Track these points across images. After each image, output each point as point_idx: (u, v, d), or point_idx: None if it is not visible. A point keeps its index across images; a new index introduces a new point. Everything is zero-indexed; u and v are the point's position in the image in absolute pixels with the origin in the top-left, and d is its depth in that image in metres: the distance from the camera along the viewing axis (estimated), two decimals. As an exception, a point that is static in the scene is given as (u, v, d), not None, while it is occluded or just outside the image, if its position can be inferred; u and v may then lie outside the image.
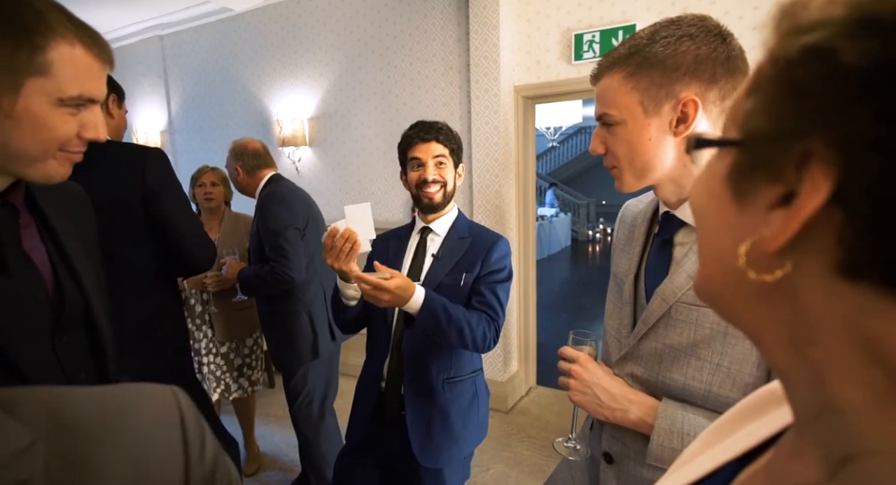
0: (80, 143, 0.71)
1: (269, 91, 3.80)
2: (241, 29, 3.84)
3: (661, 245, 0.79)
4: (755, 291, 0.24)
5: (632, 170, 0.73)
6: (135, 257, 1.36)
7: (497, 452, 2.59)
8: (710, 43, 0.66)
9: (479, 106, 2.82)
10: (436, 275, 1.32)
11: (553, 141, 10.29)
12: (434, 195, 1.33)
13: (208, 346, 2.32)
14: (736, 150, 0.25)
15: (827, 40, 0.19)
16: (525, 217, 3.07)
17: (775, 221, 0.21)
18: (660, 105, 0.68)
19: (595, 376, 0.80)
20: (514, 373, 3.16)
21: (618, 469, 0.82)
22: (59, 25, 0.65)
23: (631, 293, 0.82)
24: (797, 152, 0.20)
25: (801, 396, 0.25)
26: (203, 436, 0.36)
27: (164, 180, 1.35)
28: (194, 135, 4.34)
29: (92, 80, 0.69)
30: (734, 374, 0.69)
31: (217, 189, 2.34)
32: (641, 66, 0.68)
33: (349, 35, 3.34)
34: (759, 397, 0.36)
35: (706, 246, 0.28)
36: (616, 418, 0.77)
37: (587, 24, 2.61)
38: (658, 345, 0.76)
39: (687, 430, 0.70)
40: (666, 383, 0.75)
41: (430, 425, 1.31)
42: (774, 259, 0.22)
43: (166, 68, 4.33)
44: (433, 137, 1.33)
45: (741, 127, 0.24)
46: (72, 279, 0.79)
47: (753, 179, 0.23)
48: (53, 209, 0.80)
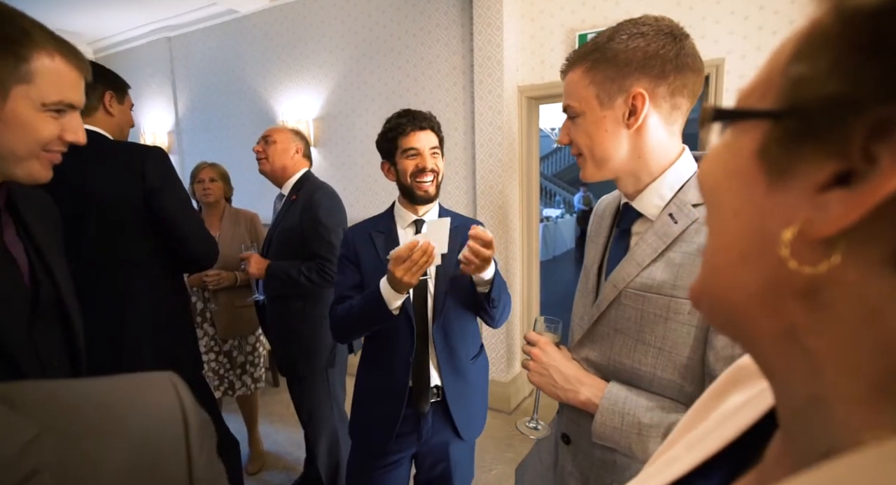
0: (61, 144, 0.79)
1: (275, 92, 3.82)
2: (247, 30, 3.87)
3: (620, 235, 0.84)
4: (770, 283, 0.22)
5: (592, 159, 0.78)
6: (139, 255, 1.37)
7: (500, 452, 2.59)
8: (659, 41, 0.71)
9: (482, 106, 2.82)
10: (446, 267, 1.30)
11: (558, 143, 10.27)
12: (429, 187, 1.31)
13: (209, 344, 2.32)
14: (770, 122, 0.22)
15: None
16: (528, 218, 3.06)
17: (832, 204, 0.19)
18: (613, 98, 0.73)
19: (552, 358, 0.84)
20: (517, 374, 3.15)
21: (574, 449, 0.88)
22: (41, 39, 0.74)
23: (594, 281, 0.88)
24: (872, 121, 0.17)
25: (789, 388, 0.24)
26: (201, 419, 0.37)
27: (164, 178, 1.36)
28: (201, 135, 4.38)
29: (71, 88, 0.78)
30: (674, 357, 0.72)
31: (215, 185, 2.34)
32: (598, 61, 0.74)
33: (354, 36, 3.35)
34: (729, 376, 0.36)
35: (720, 235, 0.25)
36: (568, 398, 0.81)
37: (591, 23, 2.61)
38: (609, 329, 0.81)
39: (627, 410, 0.74)
40: (616, 366, 0.80)
41: (468, 403, 1.37)
42: (819, 248, 0.20)
43: (174, 69, 4.38)
44: (428, 126, 1.31)
45: (787, 95, 0.21)
46: (45, 273, 0.87)
47: (799, 156, 0.20)
48: (29, 213, 0.89)
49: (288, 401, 2.23)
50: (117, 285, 1.35)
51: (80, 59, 0.80)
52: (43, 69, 0.74)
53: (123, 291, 1.36)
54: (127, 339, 1.35)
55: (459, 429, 1.35)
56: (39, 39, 0.73)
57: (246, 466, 2.46)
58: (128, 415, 0.33)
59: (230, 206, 2.46)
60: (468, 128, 2.98)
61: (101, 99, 1.38)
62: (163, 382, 0.37)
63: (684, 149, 0.78)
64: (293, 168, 1.97)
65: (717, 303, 0.26)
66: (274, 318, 1.97)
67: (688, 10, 2.37)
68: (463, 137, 3.01)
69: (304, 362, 1.91)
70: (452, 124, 3.03)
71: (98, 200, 1.29)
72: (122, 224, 1.33)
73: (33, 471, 0.27)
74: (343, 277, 1.38)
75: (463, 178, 3.05)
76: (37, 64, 0.73)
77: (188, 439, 0.34)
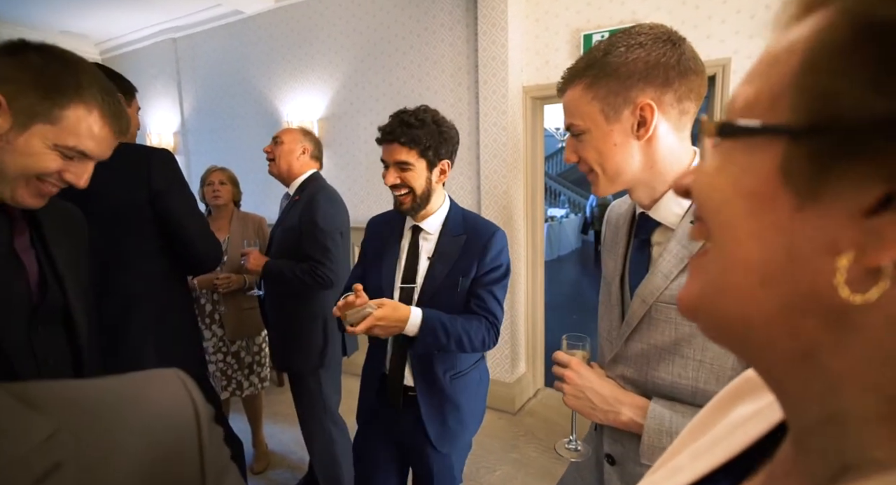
0: (58, 180, 0.83)
1: (280, 92, 3.83)
2: (252, 31, 3.88)
3: (640, 246, 0.82)
4: (798, 307, 0.21)
5: (604, 175, 0.77)
6: (144, 256, 1.38)
7: (504, 453, 2.58)
8: (659, 49, 0.71)
9: (487, 107, 2.82)
10: (433, 278, 1.28)
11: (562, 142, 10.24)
12: (403, 199, 1.25)
13: (217, 345, 2.34)
14: (790, 138, 0.20)
15: None
16: (533, 218, 3.06)
17: (887, 230, 0.17)
18: (619, 112, 0.73)
19: (587, 379, 0.82)
20: (521, 374, 3.14)
21: (620, 470, 0.84)
22: (89, 96, 0.81)
23: (618, 295, 0.85)
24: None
25: (803, 406, 0.23)
26: (209, 410, 0.38)
27: (171, 180, 1.36)
28: (206, 136, 4.40)
29: (93, 140, 0.83)
30: (717, 369, 0.71)
31: (225, 188, 2.37)
32: (598, 76, 0.73)
33: (358, 36, 3.36)
34: (736, 386, 0.36)
35: (732, 256, 0.23)
36: (609, 420, 0.79)
37: (596, 24, 2.60)
38: (643, 345, 0.78)
39: (676, 429, 0.71)
40: (655, 382, 0.77)
41: (444, 415, 1.34)
42: (867, 277, 0.18)
43: (179, 70, 4.40)
44: (394, 139, 1.21)
45: (811, 110, 0.19)
46: (55, 281, 0.91)
47: (835, 175, 0.18)
48: (51, 223, 0.93)
49: (291, 401, 2.24)
50: (121, 286, 1.36)
51: (120, 122, 0.87)
52: (74, 118, 0.79)
53: (128, 293, 1.36)
54: (130, 340, 1.36)
55: (431, 436, 1.32)
56: (87, 96, 0.80)
57: (251, 465, 2.47)
58: (143, 408, 0.35)
59: (238, 209, 2.49)
60: (473, 128, 2.97)
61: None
62: (171, 377, 0.39)
63: (696, 153, 0.77)
64: (299, 169, 1.97)
65: (725, 323, 0.25)
66: (272, 314, 2.03)
67: (693, 9, 2.36)
68: (467, 138, 3.01)
69: (298, 360, 1.95)
70: (457, 125, 2.99)
71: (103, 201, 1.29)
72: (128, 225, 1.33)
73: (55, 465, 0.28)
74: (356, 269, 1.44)
75: (467, 178, 3.05)
76: (69, 113, 0.79)
77: (199, 428, 0.36)
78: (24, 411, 0.29)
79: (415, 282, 1.29)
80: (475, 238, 1.29)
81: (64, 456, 0.29)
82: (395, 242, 1.34)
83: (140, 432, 0.33)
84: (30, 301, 0.86)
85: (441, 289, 1.27)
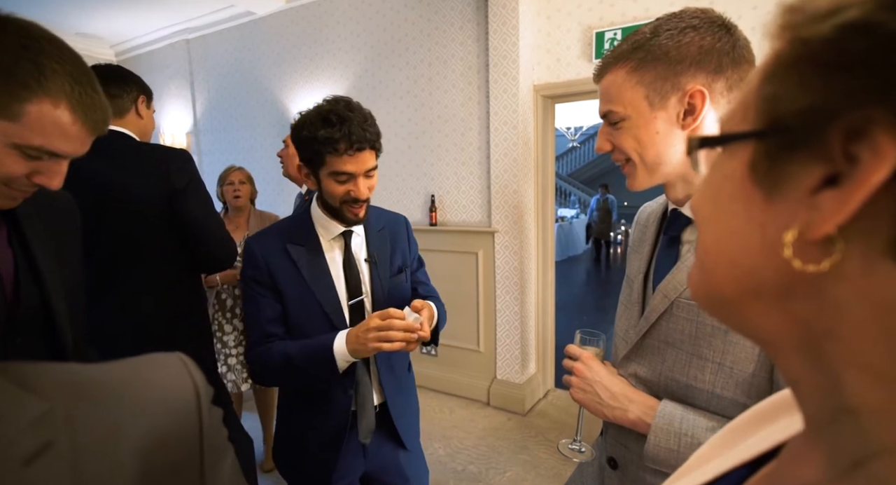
0: (28, 184, 0.72)
1: (291, 92, 3.85)
2: (264, 32, 3.91)
3: (669, 243, 0.78)
4: (779, 290, 0.23)
5: (643, 165, 0.72)
6: (159, 255, 1.39)
7: (513, 454, 2.57)
8: (714, 33, 0.65)
9: (497, 106, 2.80)
10: (381, 281, 1.17)
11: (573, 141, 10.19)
12: (360, 211, 1.10)
13: (238, 338, 2.39)
14: (755, 141, 0.24)
15: (866, 16, 0.19)
16: (544, 218, 3.04)
17: (825, 204, 0.20)
18: (666, 98, 0.68)
19: (597, 374, 0.79)
20: (531, 375, 3.12)
21: (622, 475, 0.81)
22: (55, 87, 0.67)
23: (640, 293, 0.82)
24: (847, 126, 0.19)
25: (814, 400, 0.24)
26: (209, 390, 0.38)
27: (189, 180, 1.38)
28: (218, 136, 4.44)
29: (62, 138, 0.70)
30: (736, 374, 0.67)
31: (245, 187, 2.42)
32: (645, 59, 0.67)
33: (368, 36, 3.36)
34: (770, 404, 0.35)
35: (719, 252, 0.27)
36: (615, 417, 0.76)
37: (609, 21, 2.57)
38: (660, 343, 0.75)
39: (685, 430, 0.68)
40: (669, 383, 0.74)
41: (408, 412, 1.29)
42: (819, 247, 0.21)
43: (192, 71, 4.45)
44: (367, 145, 1.04)
45: (765, 114, 0.23)
46: (34, 284, 0.80)
47: (788, 166, 0.22)
48: (30, 215, 0.81)
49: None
50: (136, 283, 1.37)
51: (94, 115, 0.73)
52: (37, 114, 0.67)
53: (141, 290, 1.38)
54: (142, 336, 1.37)
55: (403, 437, 1.25)
56: (52, 86, 0.67)
57: (261, 463, 2.48)
58: (144, 388, 0.35)
59: (255, 208, 2.53)
60: (483, 127, 2.96)
61: (135, 102, 1.43)
62: (173, 359, 0.39)
63: None
64: None
65: (723, 307, 0.28)
66: None
67: (708, 4, 2.32)
68: (477, 137, 3.00)
69: None
70: (467, 124, 3.02)
71: (121, 198, 1.31)
72: (144, 223, 1.35)
73: (46, 443, 0.28)
74: (257, 309, 1.11)
75: (477, 177, 3.04)
76: (33, 108, 0.66)
77: (200, 408, 0.37)
78: (16, 392, 0.29)
79: (361, 293, 1.15)
80: (396, 227, 1.25)
81: (55, 435, 0.29)
82: (317, 258, 1.13)
83: (139, 414, 0.33)
84: (5, 308, 0.76)
85: (391, 289, 1.19)
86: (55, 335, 0.83)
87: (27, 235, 0.80)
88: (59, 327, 0.83)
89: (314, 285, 1.10)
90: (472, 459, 2.53)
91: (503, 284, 2.96)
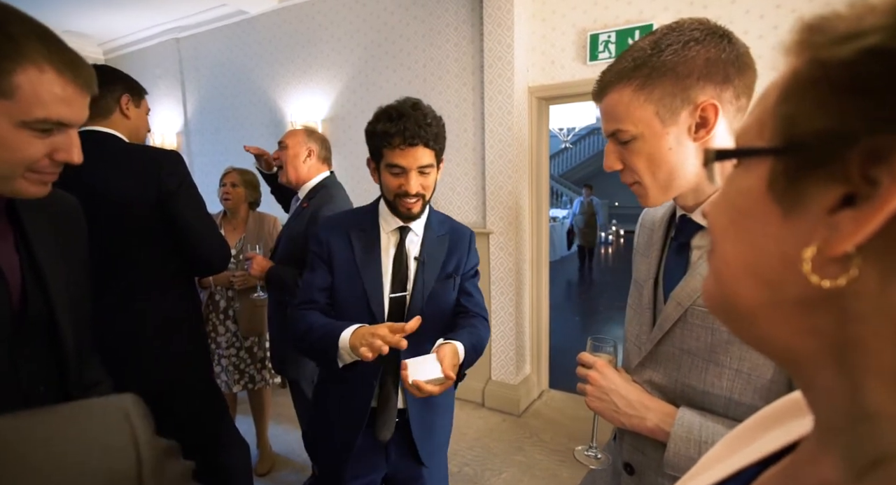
0: (52, 164, 0.72)
1: (283, 93, 3.82)
2: (256, 31, 3.88)
3: (678, 249, 0.78)
4: (798, 303, 0.24)
5: (655, 183, 0.71)
6: (152, 258, 1.37)
7: (509, 455, 2.57)
8: (717, 44, 0.66)
9: (492, 107, 2.81)
10: (425, 281, 1.19)
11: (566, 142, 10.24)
12: (413, 206, 1.14)
13: (230, 340, 2.38)
14: (773, 158, 0.24)
15: (886, 42, 0.20)
16: (538, 218, 3.04)
17: (844, 223, 0.21)
18: (676, 113, 0.67)
19: (612, 382, 0.78)
20: (526, 376, 3.13)
21: (639, 480, 0.81)
22: (32, 51, 0.65)
23: (650, 298, 0.81)
24: (866, 150, 0.20)
25: (830, 406, 0.25)
26: (157, 453, 0.34)
27: (180, 182, 1.35)
28: (209, 136, 4.39)
29: (62, 104, 0.69)
30: (754, 380, 0.66)
31: (236, 190, 2.39)
32: (651, 76, 0.67)
33: (363, 37, 3.35)
34: (780, 406, 0.36)
35: (737, 265, 0.27)
36: (633, 425, 0.75)
37: (603, 24, 2.58)
38: (675, 350, 0.74)
39: (705, 438, 0.68)
40: (685, 390, 0.74)
41: (433, 429, 1.28)
42: (838, 264, 0.21)
43: (182, 71, 4.39)
44: (420, 142, 1.08)
45: (782, 132, 0.24)
46: (39, 290, 0.78)
47: (806, 185, 0.22)
48: (36, 221, 0.80)
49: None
50: (128, 287, 1.35)
51: (80, 72, 0.71)
52: (27, 84, 0.65)
53: (134, 293, 1.35)
54: (135, 340, 1.35)
55: (422, 457, 1.24)
56: (28, 50, 0.65)
57: (255, 467, 2.46)
58: (71, 453, 0.31)
59: (254, 211, 2.50)
60: (478, 128, 2.96)
61: (118, 101, 1.37)
62: (113, 412, 0.34)
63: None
64: (307, 174, 1.92)
65: (743, 319, 0.28)
66: (273, 318, 2.02)
67: (701, 8, 2.34)
68: (472, 138, 3.00)
69: (292, 366, 1.94)
70: (462, 125, 3.02)
71: (112, 201, 1.29)
72: (135, 226, 1.32)
73: None
74: (312, 275, 1.23)
75: (472, 178, 3.04)
76: (21, 78, 0.64)
77: (140, 475, 0.32)
78: None
79: (405, 289, 1.19)
80: (459, 236, 1.27)
81: None
82: (373, 247, 1.19)
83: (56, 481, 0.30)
84: (10, 318, 0.73)
85: (434, 292, 1.20)
86: (58, 344, 0.81)
87: (33, 241, 0.79)
88: (63, 337, 0.81)
89: (363, 270, 1.17)
90: (467, 460, 2.53)
91: (498, 286, 2.97)
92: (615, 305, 5.74)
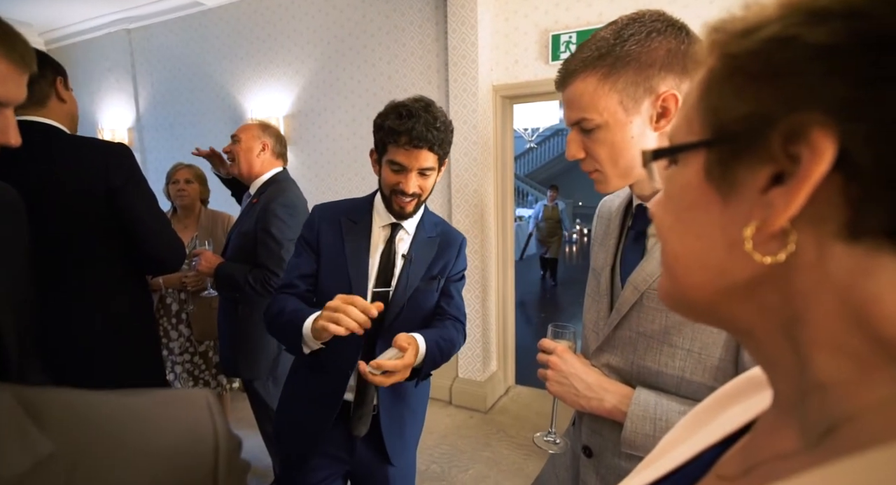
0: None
1: (243, 88, 3.71)
2: (214, 24, 3.74)
3: (636, 237, 0.80)
4: (748, 285, 0.25)
5: (616, 171, 0.73)
6: (101, 256, 1.30)
7: (476, 452, 2.58)
8: (677, 36, 0.68)
9: (457, 105, 2.81)
10: (409, 279, 1.20)
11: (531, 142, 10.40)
12: (407, 205, 1.15)
13: (184, 345, 2.27)
14: (705, 150, 0.26)
15: (786, 30, 0.21)
16: (503, 217, 3.07)
17: (776, 200, 0.22)
18: (639, 103, 0.69)
19: (572, 366, 0.80)
20: (493, 373, 3.15)
21: (597, 462, 0.83)
22: None
23: (608, 285, 0.84)
24: (785, 129, 0.21)
25: (787, 380, 0.26)
26: (231, 445, 0.34)
27: (128, 176, 1.29)
28: (164, 132, 4.21)
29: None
30: (704, 359, 0.70)
31: (191, 187, 2.29)
32: (615, 65, 0.68)
33: (325, 32, 3.29)
34: (735, 385, 0.37)
35: (688, 258, 0.28)
36: (592, 407, 0.78)
37: (564, 24, 2.63)
38: (632, 333, 0.77)
39: (659, 415, 0.71)
40: (640, 371, 0.76)
41: (403, 427, 1.28)
42: (777, 240, 0.23)
43: (134, 64, 4.19)
44: (425, 145, 1.09)
45: (709, 124, 0.25)
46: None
47: (738, 169, 0.24)
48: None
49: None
50: (77, 286, 1.27)
51: (15, 46, 0.67)
52: None
53: (84, 292, 1.28)
54: (82, 344, 1.27)
55: (389, 452, 1.23)
56: None
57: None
58: (155, 435, 0.32)
59: (206, 208, 2.41)
60: (443, 126, 2.96)
61: (53, 86, 1.28)
62: (199, 401, 0.35)
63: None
64: (260, 168, 1.87)
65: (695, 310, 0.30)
66: (222, 317, 1.94)
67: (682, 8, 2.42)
68: (437, 136, 2.99)
69: (245, 366, 1.87)
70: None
71: (57, 196, 1.21)
72: (82, 222, 1.25)
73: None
74: (297, 260, 1.22)
75: (438, 177, 3.04)
76: None
77: (216, 466, 0.33)
78: (27, 427, 0.28)
79: (389, 285, 1.19)
80: (449, 241, 1.27)
81: (51, 482, 0.27)
82: (363, 239, 1.20)
83: (146, 462, 0.30)
84: None
85: (417, 291, 1.21)
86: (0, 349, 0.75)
87: None
88: (4, 343, 0.76)
89: (350, 260, 1.18)
90: (434, 458, 2.52)
91: (465, 284, 2.98)
92: (579, 300, 5.87)
